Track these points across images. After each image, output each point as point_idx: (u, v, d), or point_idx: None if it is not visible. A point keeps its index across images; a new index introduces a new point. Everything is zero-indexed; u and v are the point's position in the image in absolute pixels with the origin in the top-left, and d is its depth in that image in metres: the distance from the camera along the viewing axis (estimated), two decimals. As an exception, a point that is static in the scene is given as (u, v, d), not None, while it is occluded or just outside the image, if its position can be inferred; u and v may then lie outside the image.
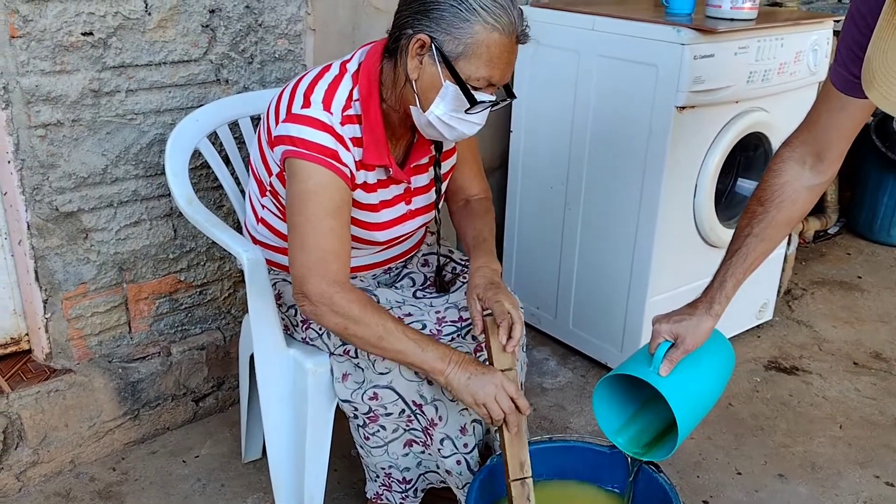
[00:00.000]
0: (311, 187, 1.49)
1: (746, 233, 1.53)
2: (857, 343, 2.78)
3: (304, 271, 1.50)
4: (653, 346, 1.53)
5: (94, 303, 2.02)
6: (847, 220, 3.74)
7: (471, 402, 1.50)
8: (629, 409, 1.65)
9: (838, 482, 2.10)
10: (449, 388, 1.51)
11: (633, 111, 2.23)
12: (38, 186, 1.85)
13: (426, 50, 1.44)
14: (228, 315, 2.29)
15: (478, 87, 1.46)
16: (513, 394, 1.51)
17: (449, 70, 1.44)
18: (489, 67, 1.44)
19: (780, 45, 2.26)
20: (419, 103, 1.49)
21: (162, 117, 1.98)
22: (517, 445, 1.54)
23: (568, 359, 2.63)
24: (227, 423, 2.24)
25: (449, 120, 1.49)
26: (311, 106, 1.50)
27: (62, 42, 1.78)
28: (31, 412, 1.93)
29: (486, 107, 1.50)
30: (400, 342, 1.50)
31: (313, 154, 1.48)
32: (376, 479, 1.77)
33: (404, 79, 1.49)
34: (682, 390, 1.50)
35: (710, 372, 1.58)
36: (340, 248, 1.52)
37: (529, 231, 2.68)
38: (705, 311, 1.53)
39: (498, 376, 1.52)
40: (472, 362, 1.53)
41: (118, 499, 1.96)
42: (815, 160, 1.50)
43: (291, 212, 1.52)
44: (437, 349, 1.52)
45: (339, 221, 1.52)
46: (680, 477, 2.08)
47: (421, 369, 1.52)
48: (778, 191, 1.51)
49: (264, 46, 2.10)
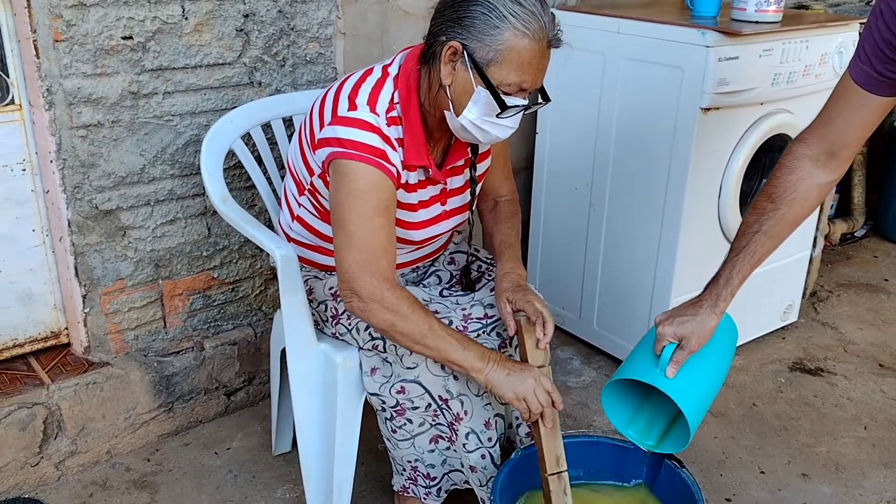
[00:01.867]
0: (362, 186, 1.53)
1: (755, 229, 1.52)
2: (883, 345, 2.78)
3: (355, 268, 1.54)
4: (657, 348, 1.53)
5: (130, 298, 2.08)
6: (874, 223, 3.72)
7: (511, 398, 1.55)
8: (636, 399, 1.67)
9: (862, 482, 2.10)
10: (489, 385, 1.56)
11: (658, 113, 2.25)
12: (78, 185, 1.92)
13: (458, 56, 1.49)
14: (259, 312, 2.34)
15: (509, 93, 1.50)
16: (549, 388, 1.57)
17: (480, 76, 1.48)
18: (520, 73, 1.48)
19: (805, 48, 2.28)
20: (452, 108, 1.53)
21: (197, 119, 2.04)
22: (553, 440, 1.59)
23: (592, 358, 2.65)
24: (257, 417, 2.30)
25: (482, 124, 1.53)
26: (358, 108, 1.55)
27: (103, 46, 1.84)
28: (69, 403, 1.99)
29: (518, 111, 1.53)
30: (443, 341, 1.54)
31: (363, 154, 1.52)
32: (403, 473, 1.81)
33: (438, 84, 1.54)
34: (690, 387, 1.51)
35: (715, 359, 1.57)
36: (389, 246, 1.57)
37: (554, 232, 2.71)
38: (710, 309, 1.52)
39: (535, 372, 1.57)
40: (508, 360, 1.58)
41: (153, 488, 2.02)
42: (829, 158, 1.49)
43: (340, 210, 1.55)
44: (477, 349, 1.57)
45: (388, 220, 1.57)
46: (703, 475, 2.10)
47: (461, 367, 1.56)
48: (791, 188, 1.50)
49: (296, 50, 2.16)
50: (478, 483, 1.70)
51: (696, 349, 1.51)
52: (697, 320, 1.51)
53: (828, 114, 1.48)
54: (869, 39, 1.35)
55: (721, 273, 1.54)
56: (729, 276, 1.52)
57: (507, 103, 1.49)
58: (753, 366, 2.62)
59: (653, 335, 1.57)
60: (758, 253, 1.51)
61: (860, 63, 1.38)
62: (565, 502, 1.60)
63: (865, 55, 1.36)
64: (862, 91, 1.40)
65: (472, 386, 1.64)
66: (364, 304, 1.54)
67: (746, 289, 1.58)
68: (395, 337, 1.57)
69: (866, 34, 1.36)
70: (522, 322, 1.62)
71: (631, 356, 1.63)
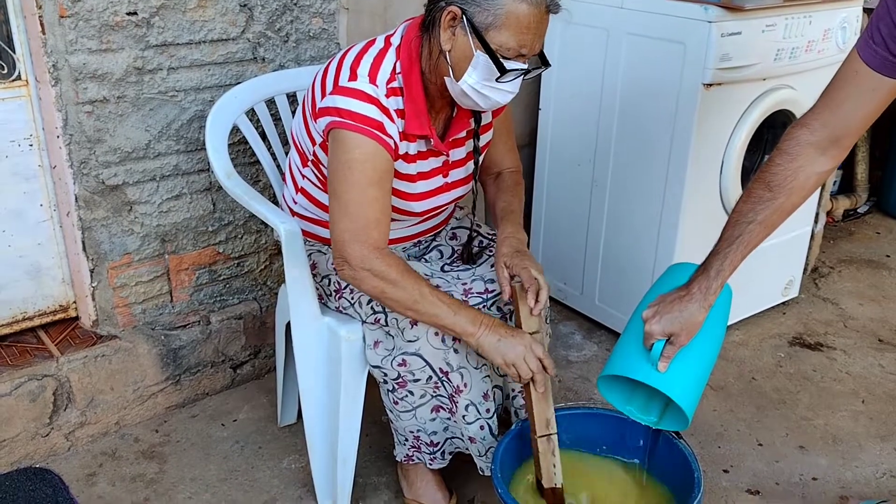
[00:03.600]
0: (357, 157, 1.55)
1: (749, 219, 1.45)
2: (883, 320, 2.80)
3: (347, 237, 1.57)
4: (647, 344, 1.51)
5: (137, 273, 2.11)
6: (877, 199, 3.72)
7: (500, 363, 1.58)
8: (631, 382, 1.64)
9: (859, 454, 2.13)
10: (480, 349, 1.59)
11: (660, 89, 2.26)
12: (85, 161, 1.94)
13: (458, 21, 1.50)
14: (264, 286, 2.37)
15: (508, 57, 1.51)
16: (540, 355, 1.59)
17: (479, 40, 1.49)
18: (519, 37, 1.49)
19: (808, 23, 2.27)
20: (452, 73, 1.55)
21: (202, 94, 2.06)
22: (543, 404, 1.62)
23: (593, 333, 2.68)
24: (263, 390, 2.34)
25: (482, 89, 1.55)
26: (358, 79, 1.57)
27: (108, 21, 1.86)
28: (79, 375, 2.03)
29: (518, 75, 1.54)
30: (434, 306, 1.57)
31: (359, 125, 1.54)
32: (405, 443, 1.84)
33: (438, 51, 1.55)
34: (683, 377, 1.50)
35: (708, 338, 1.54)
36: (382, 217, 1.59)
37: (557, 208, 2.73)
38: (699, 304, 1.46)
39: (526, 338, 1.59)
40: (501, 325, 1.60)
41: (161, 459, 2.06)
42: (831, 145, 1.41)
43: (335, 180, 1.58)
44: (469, 313, 1.59)
45: (382, 191, 1.59)
46: (701, 447, 2.13)
47: (453, 332, 1.59)
48: (791, 176, 1.42)
49: (299, 25, 2.16)
50: (477, 453, 1.74)
51: (685, 344, 1.48)
52: (685, 315, 1.46)
53: (834, 98, 1.40)
54: (885, 20, 1.27)
55: (711, 264, 1.48)
56: (720, 268, 1.46)
57: (507, 67, 1.50)
58: (753, 340, 2.65)
59: (639, 321, 1.54)
60: (751, 243, 1.46)
61: (873, 45, 1.31)
62: (553, 463, 1.64)
63: (880, 37, 1.29)
64: (874, 74, 1.33)
65: (472, 359, 1.67)
66: (354, 272, 1.57)
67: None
68: (388, 303, 1.60)
69: (881, 14, 1.28)
70: (518, 288, 1.64)
71: (620, 346, 1.60)
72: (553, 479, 1.64)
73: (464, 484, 1.95)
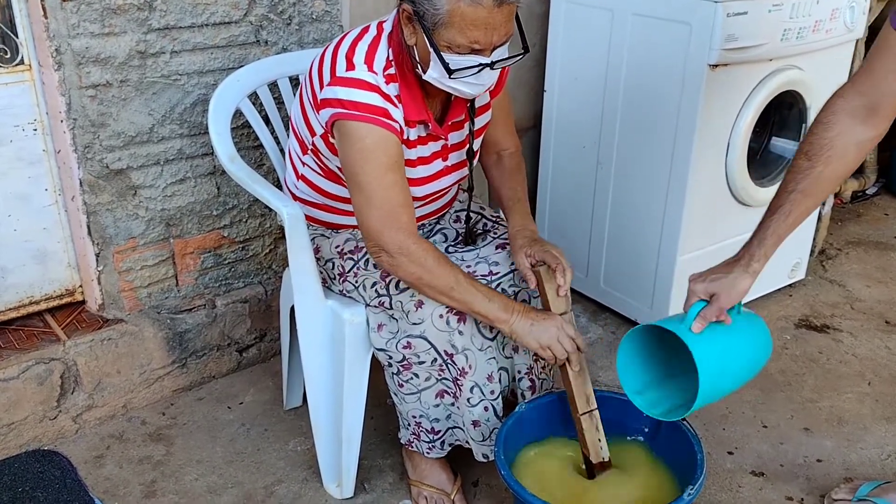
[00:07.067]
0: (369, 145, 1.55)
1: (791, 188, 1.47)
2: (891, 302, 2.78)
3: (379, 225, 1.57)
4: (687, 305, 1.52)
5: (143, 257, 2.12)
6: (886, 180, 3.70)
7: (536, 347, 1.60)
8: (652, 375, 1.66)
9: (864, 436, 2.13)
10: (513, 335, 1.61)
11: (665, 70, 2.24)
12: (89, 145, 1.94)
13: (413, 19, 1.50)
14: (269, 270, 2.37)
15: (462, 53, 1.48)
16: (572, 334, 1.62)
17: (428, 39, 1.48)
18: (467, 34, 1.46)
19: (815, 2, 2.25)
20: (420, 67, 1.55)
21: (205, 78, 2.05)
22: (580, 382, 1.66)
23: (599, 315, 2.68)
24: (268, 373, 2.35)
25: (447, 82, 1.54)
26: (356, 68, 1.56)
27: (110, 5, 1.85)
28: (85, 359, 2.04)
29: (473, 72, 1.51)
30: (468, 293, 1.58)
31: (365, 115, 1.54)
32: (408, 427, 1.85)
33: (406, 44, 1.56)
34: (711, 357, 1.47)
35: (743, 351, 1.55)
36: (405, 200, 1.60)
37: (562, 190, 2.72)
38: (743, 269, 1.49)
39: (557, 320, 1.62)
40: (532, 310, 1.63)
41: (168, 441, 2.08)
42: (869, 113, 1.43)
43: (353, 172, 1.58)
44: (501, 300, 1.61)
45: (399, 175, 1.59)
46: (706, 429, 2.13)
47: (486, 318, 1.61)
48: (827, 145, 1.45)
49: (302, 8, 2.15)
50: (479, 438, 1.74)
51: (725, 307, 1.49)
52: (730, 278, 1.49)
53: (869, 67, 1.42)
54: None
55: (756, 234, 1.51)
56: (763, 237, 1.49)
57: (452, 66, 1.48)
58: (759, 323, 2.64)
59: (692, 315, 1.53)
60: (794, 213, 1.48)
61: None
62: (598, 438, 1.66)
63: None
64: None
65: (476, 340, 1.67)
66: (392, 258, 1.57)
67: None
68: (424, 290, 1.61)
69: None
70: (542, 272, 1.66)
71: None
72: (600, 453, 1.68)
73: (467, 466, 1.95)
